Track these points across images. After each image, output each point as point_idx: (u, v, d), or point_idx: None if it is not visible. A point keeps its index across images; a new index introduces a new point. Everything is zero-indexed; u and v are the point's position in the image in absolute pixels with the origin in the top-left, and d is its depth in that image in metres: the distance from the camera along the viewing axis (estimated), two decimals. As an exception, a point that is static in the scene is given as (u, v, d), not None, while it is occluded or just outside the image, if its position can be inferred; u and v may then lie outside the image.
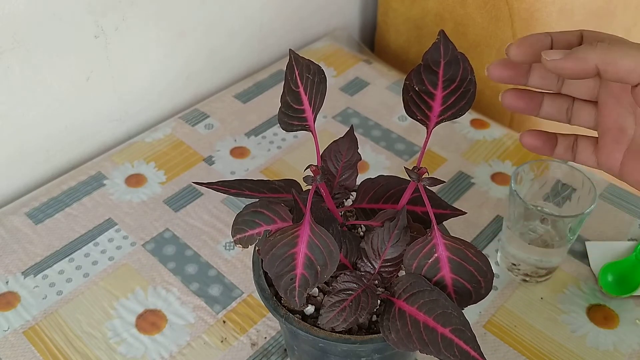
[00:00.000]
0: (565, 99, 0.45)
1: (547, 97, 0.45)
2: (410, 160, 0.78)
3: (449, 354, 0.38)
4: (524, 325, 0.60)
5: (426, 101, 0.42)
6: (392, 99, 0.88)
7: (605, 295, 0.62)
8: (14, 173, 0.75)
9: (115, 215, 0.71)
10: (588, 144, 0.45)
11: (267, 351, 0.58)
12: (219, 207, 0.72)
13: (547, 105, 0.45)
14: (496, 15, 0.87)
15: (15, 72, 0.68)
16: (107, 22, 0.73)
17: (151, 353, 0.58)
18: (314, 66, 0.43)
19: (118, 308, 0.61)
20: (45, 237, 0.68)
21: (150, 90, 0.84)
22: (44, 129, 0.75)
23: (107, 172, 0.76)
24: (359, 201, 0.49)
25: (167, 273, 0.65)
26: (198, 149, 0.79)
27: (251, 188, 0.47)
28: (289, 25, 0.98)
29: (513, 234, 0.61)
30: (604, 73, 0.36)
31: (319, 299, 0.46)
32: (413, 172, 0.42)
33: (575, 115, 0.45)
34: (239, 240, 0.46)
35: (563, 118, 0.46)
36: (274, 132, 0.82)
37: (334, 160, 0.50)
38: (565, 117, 0.45)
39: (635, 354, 0.58)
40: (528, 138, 0.46)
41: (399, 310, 0.41)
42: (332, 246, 0.42)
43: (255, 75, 0.92)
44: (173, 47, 0.83)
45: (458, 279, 0.42)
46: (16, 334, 0.59)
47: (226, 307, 0.62)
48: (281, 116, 0.43)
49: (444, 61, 0.41)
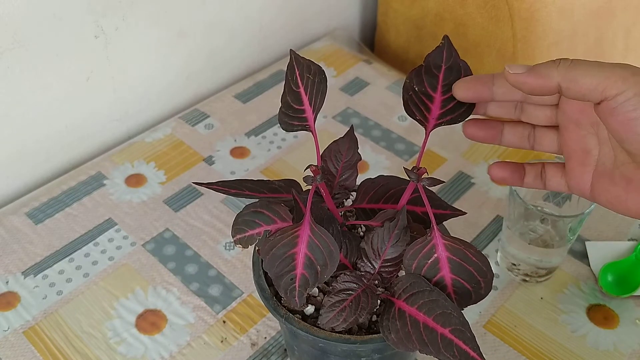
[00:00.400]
0: (525, 126, 0.45)
1: (507, 125, 0.45)
2: (410, 160, 0.78)
3: (448, 354, 0.38)
4: (524, 325, 0.60)
5: (425, 103, 0.42)
6: (392, 99, 0.88)
7: (605, 295, 0.62)
8: (14, 173, 0.75)
9: (115, 215, 0.71)
10: (556, 169, 0.45)
11: (267, 351, 0.58)
12: (219, 207, 0.72)
13: (508, 133, 0.45)
14: (496, 15, 0.87)
15: (15, 72, 0.68)
16: (107, 22, 0.73)
17: (151, 353, 0.58)
18: (314, 66, 0.43)
19: (118, 308, 0.61)
20: (45, 237, 0.68)
21: (150, 90, 0.84)
22: (44, 129, 0.75)
23: (107, 172, 0.76)
24: (359, 201, 0.49)
25: (167, 273, 0.65)
26: (198, 149, 0.79)
27: (251, 188, 0.47)
28: (289, 25, 0.98)
29: (513, 234, 0.61)
30: (566, 91, 0.36)
31: (319, 299, 0.46)
32: (413, 172, 0.42)
33: (538, 142, 0.45)
34: (239, 240, 0.46)
35: (525, 145, 0.45)
36: (274, 132, 0.82)
37: (334, 160, 0.50)
38: (528, 143, 0.45)
39: (635, 354, 0.58)
40: (496, 170, 0.46)
41: (398, 310, 0.41)
42: (332, 246, 0.42)
43: (255, 75, 0.92)
44: (173, 47, 0.83)
45: (458, 279, 0.42)
46: (16, 334, 0.59)
47: (226, 307, 0.62)
48: (281, 116, 0.43)
49: (445, 66, 0.41)
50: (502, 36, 0.87)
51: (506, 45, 0.88)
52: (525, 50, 0.86)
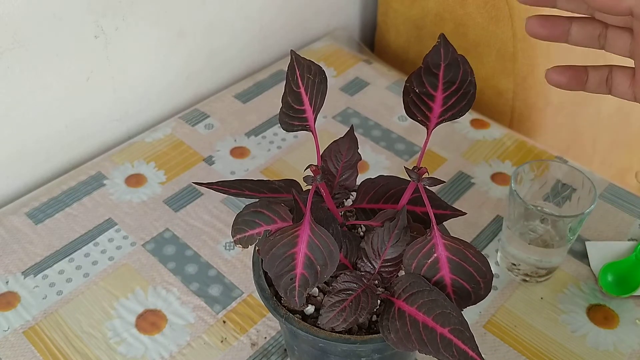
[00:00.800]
0: (596, 25, 0.41)
1: (576, 23, 0.41)
2: (410, 160, 0.78)
3: (447, 353, 0.38)
4: (524, 325, 0.60)
5: (426, 103, 0.42)
6: (392, 99, 0.88)
7: (605, 295, 0.62)
8: (14, 173, 0.75)
9: (115, 215, 0.71)
10: (625, 76, 0.41)
11: (267, 351, 0.58)
12: (219, 207, 0.72)
13: (577, 31, 0.41)
14: (496, 15, 0.87)
15: (15, 72, 0.68)
16: (107, 22, 0.73)
17: (151, 353, 0.58)
18: (315, 67, 0.43)
19: (118, 308, 0.61)
20: (45, 237, 0.68)
21: (150, 90, 0.84)
22: (44, 129, 0.75)
23: (107, 172, 0.76)
24: (359, 201, 0.49)
25: (167, 273, 0.65)
26: (198, 149, 0.79)
27: (251, 188, 0.47)
28: (289, 25, 0.98)
29: (513, 234, 0.61)
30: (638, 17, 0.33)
31: (319, 299, 0.46)
32: (413, 172, 0.42)
33: (610, 43, 0.41)
34: (239, 240, 0.46)
35: (595, 44, 0.41)
36: (274, 132, 0.82)
37: (334, 160, 0.50)
38: (598, 43, 0.41)
39: (635, 354, 0.58)
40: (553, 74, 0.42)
41: (398, 310, 0.41)
42: (332, 246, 0.42)
43: (255, 75, 0.92)
44: (173, 47, 0.83)
45: (457, 279, 0.42)
46: (16, 334, 0.59)
47: (226, 307, 0.62)
48: (282, 116, 0.43)
49: (444, 64, 0.41)
50: (502, 36, 0.87)
51: (506, 45, 0.88)
52: (525, 50, 0.86)
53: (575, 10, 0.41)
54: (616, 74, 0.42)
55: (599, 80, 0.42)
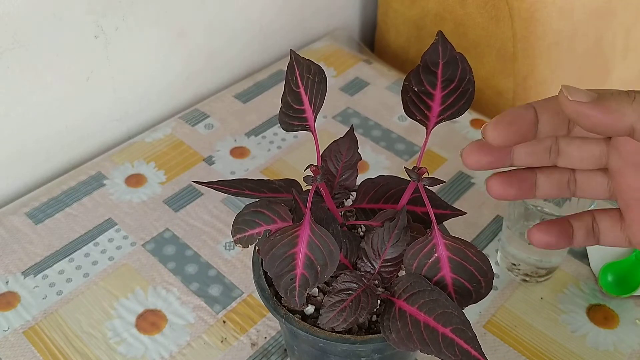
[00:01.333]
0: (563, 172, 0.37)
1: (541, 174, 0.37)
2: (410, 160, 0.78)
3: (449, 353, 0.38)
4: (524, 325, 0.60)
5: (425, 102, 0.42)
6: (392, 99, 0.88)
7: (605, 295, 0.62)
8: (14, 173, 0.75)
9: (115, 215, 0.71)
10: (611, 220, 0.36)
11: (267, 351, 0.58)
12: (219, 207, 0.72)
13: (543, 183, 0.37)
14: (496, 15, 0.87)
15: (15, 72, 0.68)
16: (107, 22, 0.73)
17: (151, 353, 0.58)
18: (314, 66, 0.43)
19: (118, 308, 0.61)
20: (45, 237, 0.68)
21: (150, 90, 0.84)
22: (44, 129, 0.75)
23: (107, 172, 0.76)
24: (359, 201, 0.49)
25: (167, 273, 0.65)
26: (198, 149, 0.79)
27: (251, 188, 0.47)
28: (289, 26, 0.98)
29: (513, 234, 0.61)
30: None
31: (319, 299, 0.46)
32: (413, 172, 0.42)
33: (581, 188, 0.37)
34: (239, 240, 0.46)
35: (565, 193, 0.37)
36: (274, 132, 0.82)
37: (334, 160, 0.50)
38: (568, 191, 0.37)
39: (635, 354, 0.58)
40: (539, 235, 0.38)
41: (399, 310, 0.41)
42: (332, 246, 0.42)
43: (255, 75, 0.92)
44: (173, 47, 0.83)
45: (458, 278, 0.42)
46: (16, 334, 0.59)
47: (226, 307, 0.62)
48: (282, 116, 0.43)
49: (443, 62, 0.41)
50: (502, 36, 0.87)
51: (506, 45, 0.88)
52: (525, 50, 0.86)
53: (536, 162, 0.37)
54: (601, 219, 0.37)
55: (585, 231, 0.38)
